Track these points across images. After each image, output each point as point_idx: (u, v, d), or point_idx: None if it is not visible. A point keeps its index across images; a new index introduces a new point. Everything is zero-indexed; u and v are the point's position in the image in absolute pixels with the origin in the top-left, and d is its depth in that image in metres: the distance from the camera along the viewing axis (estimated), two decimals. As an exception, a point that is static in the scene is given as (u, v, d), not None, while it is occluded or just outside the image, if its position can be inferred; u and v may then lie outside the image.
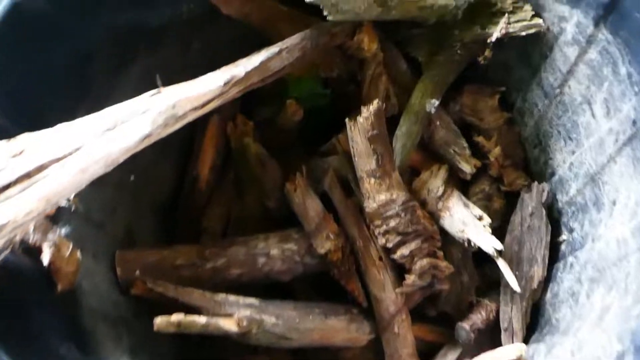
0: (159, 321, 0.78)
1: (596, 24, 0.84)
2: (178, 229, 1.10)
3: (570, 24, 0.88)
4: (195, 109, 0.71)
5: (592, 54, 0.86)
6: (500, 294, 1.04)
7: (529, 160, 1.11)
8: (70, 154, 0.61)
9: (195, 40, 1.02)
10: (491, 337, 1.07)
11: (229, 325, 0.86)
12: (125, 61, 0.92)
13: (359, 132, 0.91)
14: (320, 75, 1.06)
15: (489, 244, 0.93)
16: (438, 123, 1.04)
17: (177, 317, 0.79)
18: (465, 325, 1.02)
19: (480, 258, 1.04)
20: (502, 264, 0.92)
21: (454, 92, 1.07)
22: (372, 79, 1.01)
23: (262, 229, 1.06)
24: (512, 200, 1.09)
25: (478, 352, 0.99)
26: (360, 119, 0.90)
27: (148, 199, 1.08)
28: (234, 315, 0.89)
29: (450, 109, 1.08)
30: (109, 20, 0.84)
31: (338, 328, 0.97)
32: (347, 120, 0.92)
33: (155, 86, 0.77)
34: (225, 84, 0.74)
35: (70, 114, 0.73)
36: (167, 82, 0.97)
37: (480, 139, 1.06)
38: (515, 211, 1.05)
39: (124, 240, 0.98)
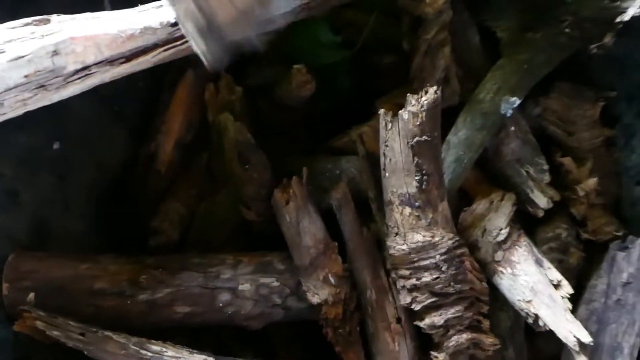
0: None
1: None
2: (120, 228, 0.77)
3: None
4: (112, 61, 0.37)
5: None
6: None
7: (624, 200, 0.78)
8: None
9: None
10: None
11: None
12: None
13: (398, 133, 0.57)
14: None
15: (571, 332, 0.61)
16: (512, 129, 0.71)
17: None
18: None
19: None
20: (584, 366, 0.61)
21: (536, 88, 0.74)
22: (429, 48, 0.68)
23: (233, 243, 0.74)
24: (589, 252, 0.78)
25: None
26: (404, 114, 0.57)
27: (81, 180, 0.75)
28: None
29: (528, 112, 0.76)
30: None
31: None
32: (379, 108, 0.60)
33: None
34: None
35: None
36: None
37: (567, 162, 0.74)
38: (600, 274, 0.74)
39: (28, 239, 0.66)
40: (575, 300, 0.74)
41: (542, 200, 0.73)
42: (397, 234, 0.63)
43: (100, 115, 0.77)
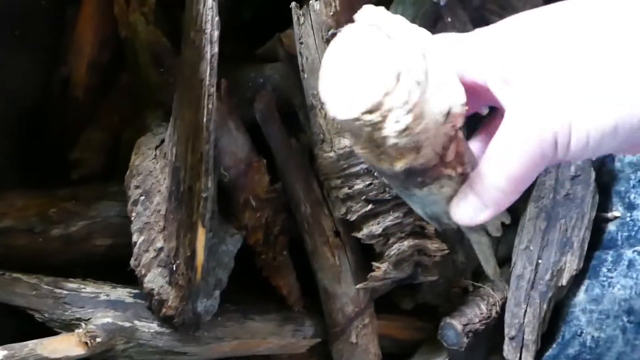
0: None
1: None
2: (40, 164, 0.72)
3: None
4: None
5: None
6: (510, 282, 0.72)
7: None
8: None
9: None
10: (489, 341, 0.76)
11: (64, 347, 0.50)
12: None
13: (312, 26, 0.51)
14: None
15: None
16: (449, 20, 0.65)
17: None
18: (455, 322, 0.71)
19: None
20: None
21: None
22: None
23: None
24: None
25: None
26: (315, 4, 0.50)
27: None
28: (84, 324, 0.53)
29: (467, 3, 0.69)
30: None
31: (264, 333, 0.64)
32: (293, 5, 0.53)
33: None
34: None
35: None
36: None
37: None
38: (547, 169, 0.70)
39: None
40: (525, 199, 0.72)
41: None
42: (323, 140, 0.58)
43: (6, 38, 0.69)
